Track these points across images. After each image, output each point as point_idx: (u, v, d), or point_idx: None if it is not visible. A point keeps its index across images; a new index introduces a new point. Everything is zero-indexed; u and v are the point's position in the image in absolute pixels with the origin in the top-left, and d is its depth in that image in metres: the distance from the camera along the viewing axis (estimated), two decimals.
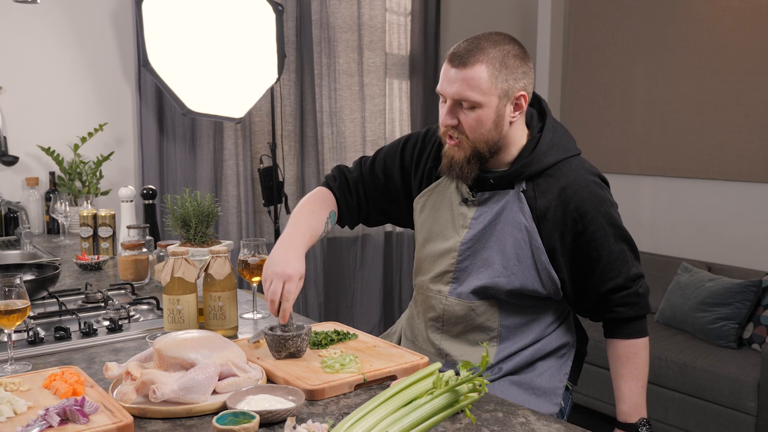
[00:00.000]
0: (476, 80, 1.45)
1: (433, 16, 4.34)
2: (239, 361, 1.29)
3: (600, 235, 1.53)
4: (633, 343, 1.60)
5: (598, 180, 1.57)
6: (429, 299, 1.68)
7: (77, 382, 1.23)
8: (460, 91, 1.47)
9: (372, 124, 4.21)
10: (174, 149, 3.53)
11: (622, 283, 1.56)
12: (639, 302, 1.58)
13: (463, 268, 1.61)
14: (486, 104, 1.47)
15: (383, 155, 1.78)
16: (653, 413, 3.35)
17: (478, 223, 1.58)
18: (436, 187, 1.67)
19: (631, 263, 1.58)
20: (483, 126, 1.49)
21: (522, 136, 1.58)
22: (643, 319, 1.61)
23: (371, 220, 1.83)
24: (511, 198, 1.56)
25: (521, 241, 1.54)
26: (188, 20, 3.20)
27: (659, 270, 3.94)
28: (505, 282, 1.55)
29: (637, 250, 1.62)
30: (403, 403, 1.10)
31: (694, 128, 4.02)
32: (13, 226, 3.02)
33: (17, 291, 1.36)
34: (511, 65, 1.47)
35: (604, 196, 1.55)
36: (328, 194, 1.75)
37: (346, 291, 4.21)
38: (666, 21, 4.12)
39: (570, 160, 1.56)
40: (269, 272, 1.46)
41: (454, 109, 1.50)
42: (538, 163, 1.54)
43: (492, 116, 1.48)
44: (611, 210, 1.55)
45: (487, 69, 1.45)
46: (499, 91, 1.47)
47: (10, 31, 3.13)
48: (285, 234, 1.57)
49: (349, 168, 1.81)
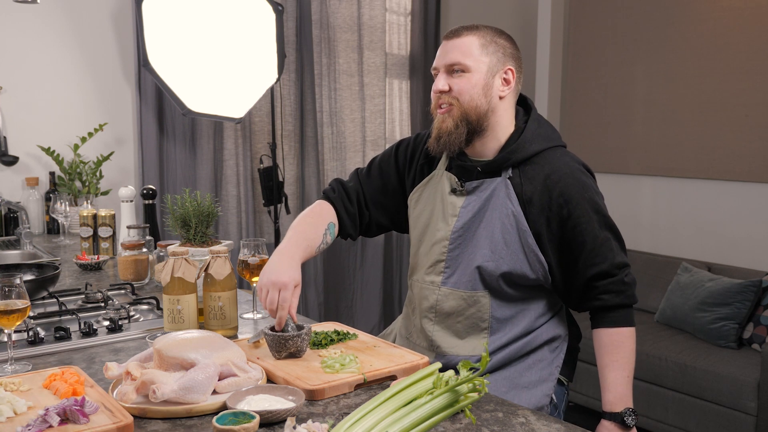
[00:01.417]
0: (467, 46, 1.59)
1: (433, 16, 4.34)
2: (239, 361, 1.29)
3: (584, 220, 1.56)
4: (618, 332, 1.60)
5: (583, 168, 1.62)
6: (423, 290, 1.71)
7: (77, 382, 1.23)
8: (453, 57, 1.59)
9: (372, 124, 4.21)
10: (174, 149, 3.53)
11: (607, 269, 1.58)
12: (624, 290, 1.59)
13: (454, 257, 1.64)
14: (475, 69, 1.58)
15: (378, 162, 1.84)
16: (653, 413, 3.35)
17: (467, 212, 1.63)
18: (429, 182, 1.73)
19: (617, 251, 1.59)
20: (472, 89, 1.58)
21: (509, 124, 1.65)
22: (629, 308, 1.61)
23: (372, 228, 1.85)
24: (498, 185, 1.61)
25: (508, 226, 1.59)
26: (188, 20, 3.20)
27: (659, 270, 3.94)
28: (493, 267, 1.59)
29: (623, 241, 1.64)
30: (403, 403, 1.10)
31: (694, 128, 4.02)
32: (13, 226, 3.02)
33: (17, 291, 1.36)
34: (500, 43, 1.62)
35: (589, 183, 1.60)
36: (326, 206, 1.78)
37: (346, 291, 4.21)
38: (666, 21, 4.12)
39: (555, 149, 1.63)
40: (264, 281, 1.49)
41: (446, 76, 1.61)
42: (524, 150, 1.60)
43: (481, 81, 1.59)
44: (596, 197, 1.59)
45: (478, 39, 1.60)
46: (488, 61, 1.59)
47: (10, 31, 3.13)
48: (280, 246, 1.60)
49: (346, 180, 1.85)
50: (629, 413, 1.57)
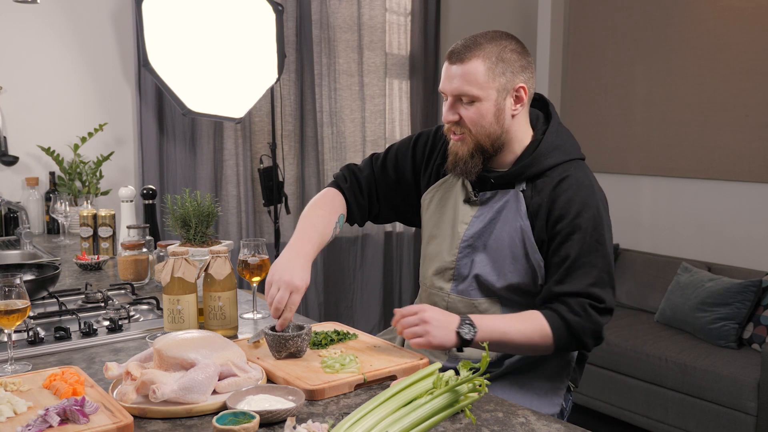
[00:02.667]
0: (473, 74, 1.49)
1: (433, 16, 4.34)
2: (239, 361, 1.29)
3: (575, 237, 1.50)
4: (542, 321, 1.48)
5: (594, 188, 1.55)
6: (432, 296, 1.71)
7: (77, 382, 1.23)
8: (459, 86, 1.51)
9: (372, 124, 4.21)
10: (174, 149, 3.53)
11: (574, 291, 1.49)
12: (582, 316, 1.48)
13: (463, 265, 1.63)
14: (485, 98, 1.51)
15: (395, 152, 1.80)
16: (653, 413, 3.35)
17: (479, 222, 1.61)
18: (443, 184, 1.70)
19: (596, 282, 1.49)
20: (484, 119, 1.52)
21: (526, 134, 1.61)
22: (569, 333, 1.48)
23: (381, 217, 1.84)
24: (510, 198, 1.58)
25: (516, 240, 1.56)
26: (188, 20, 3.20)
27: (659, 270, 3.94)
28: (500, 280, 1.58)
29: (613, 281, 1.53)
30: (403, 403, 1.10)
31: (694, 128, 4.01)
32: (13, 226, 3.02)
33: (17, 291, 1.36)
34: (508, 59, 1.51)
35: (593, 204, 1.53)
36: (337, 196, 1.76)
37: (346, 291, 4.21)
38: (666, 21, 4.11)
39: (570, 163, 1.57)
40: (276, 278, 1.47)
41: (455, 105, 1.54)
42: (539, 164, 1.56)
43: (492, 109, 1.52)
44: (597, 220, 1.51)
45: (484, 63, 1.49)
46: (497, 85, 1.50)
47: (10, 31, 3.13)
48: (293, 240, 1.59)
49: (360, 167, 1.82)
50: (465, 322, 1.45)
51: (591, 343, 1.52)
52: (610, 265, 1.53)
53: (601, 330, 1.51)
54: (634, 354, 3.41)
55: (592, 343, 1.52)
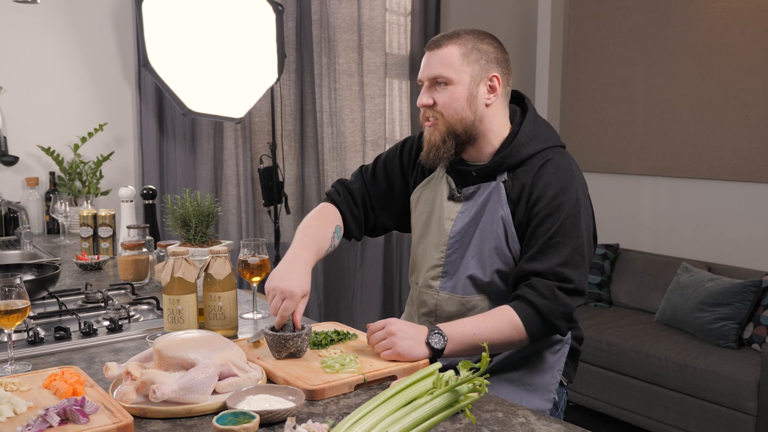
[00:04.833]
0: (448, 57, 1.56)
1: (433, 16, 4.34)
2: (239, 361, 1.29)
3: (551, 219, 1.52)
4: (512, 315, 1.48)
5: (573, 171, 1.57)
6: (421, 295, 1.72)
7: (77, 382, 1.23)
8: (433, 69, 1.58)
9: (372, 124, 4.21)
10: (174, 149, 3.53)
11: (543, 270, 1.50)
12: (550, 299, 1.48)
13: (451, 262, 1.65)
14: (457, 81, 1.56)
15: (383, 161, 1.83)
16: (653, 413, 3.35)
17: (464, 217, 1.63)
18: (429, 182, 1.73)
19: (567, 262, 1.50)
20: (456, 102, 1.57)
21: (503, 127, 1.64)
22: (540, 318, 1.48)
23: (378, 228, 1.85)
24: (493, 190, 1.61)
25: (498, 231, 1.58)
26: (188, 20, 3.20)
27: (659, 270, 3.94)
28: (485, 274, 1.59)
29: (585, 266, 1.53)
30: (403, 403, 1.10)
31: (694, 128, 4.01)
32: (13, 226, 3.02)
33: (17, 291, 1.36)
34: (484, 50, 1.58)
35: (572, 187, 1.54)
36: (332, 209, 1.77)
37: (346, 291, 4.21)
38: (666, 21, 4.11)
39: (550, 150, 1.60)
40: (273, 285, 1.48)
41: (430, 89, 1.61)
42: (518, 154, 1.59)
43: (464, 93, 1.57)
44: (574, 205, 1.52)
45: (459, 49, 1.57)
46: (470, 70, 1.56)
47: (10, 31, 3.13)
48: (291, 249, 1.59)
49: (351, 180, 1.84)
50: (434, 332, 1.44)
51: (563, 326, 1.52)
52: (584, 246, 1.53)
53: (571, 312, 1.51)
54: (634, 354, 3.41)
55: (564, 326, 1.52)
